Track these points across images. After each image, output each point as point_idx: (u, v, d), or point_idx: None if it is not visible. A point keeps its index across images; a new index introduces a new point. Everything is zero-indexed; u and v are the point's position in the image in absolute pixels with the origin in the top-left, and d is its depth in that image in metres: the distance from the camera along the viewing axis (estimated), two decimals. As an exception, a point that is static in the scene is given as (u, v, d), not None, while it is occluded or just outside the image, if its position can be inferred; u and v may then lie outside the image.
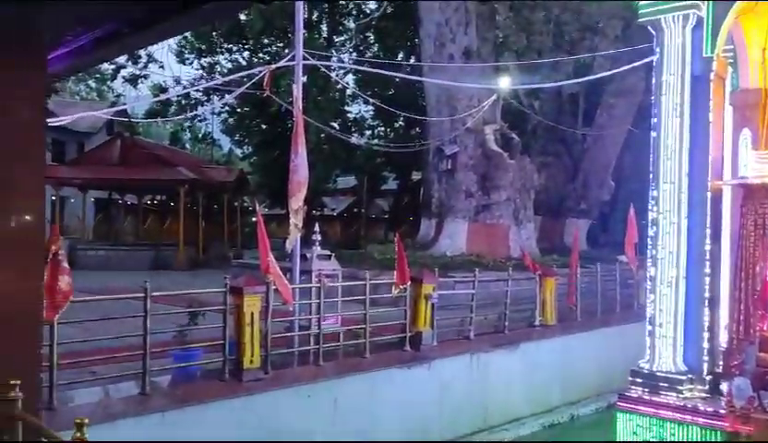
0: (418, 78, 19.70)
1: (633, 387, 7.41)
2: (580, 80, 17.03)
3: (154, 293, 6.22)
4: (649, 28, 7.65)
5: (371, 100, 23.50)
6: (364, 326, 8.05)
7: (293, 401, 6.81)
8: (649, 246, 7.65)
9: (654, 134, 7.62)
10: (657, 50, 7.61)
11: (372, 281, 8.44)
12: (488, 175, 17.99)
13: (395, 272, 8.42)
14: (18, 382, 3.44)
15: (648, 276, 7.69)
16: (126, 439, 5.35)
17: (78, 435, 2.81)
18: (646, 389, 7.30)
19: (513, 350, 9.71)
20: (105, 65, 22.96)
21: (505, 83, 16.58)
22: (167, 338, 7.21)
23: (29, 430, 3.46)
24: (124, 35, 5.02)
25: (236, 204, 28.46)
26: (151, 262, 22.17)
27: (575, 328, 11.19)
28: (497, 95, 16.85)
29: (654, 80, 7.75)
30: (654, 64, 7.70)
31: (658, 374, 7.29)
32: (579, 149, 23.37)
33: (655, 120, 7.61)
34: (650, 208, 7.63)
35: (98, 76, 32.52)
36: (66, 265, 5.57)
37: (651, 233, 7.61)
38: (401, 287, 8.38)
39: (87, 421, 2.85)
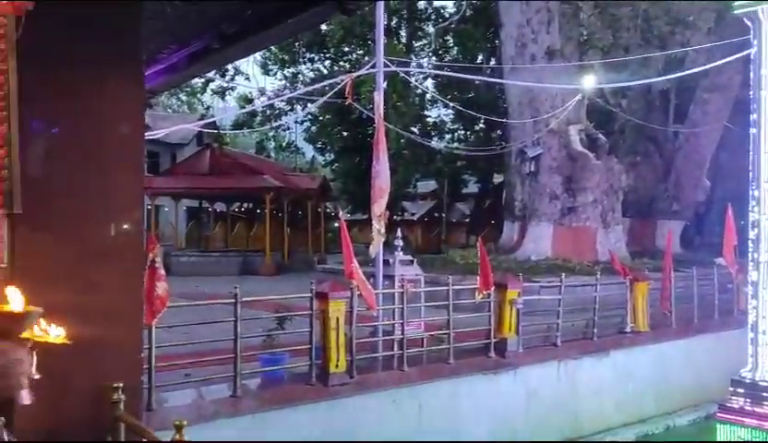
0: (499, 80, 19.47)
1: (734, 397, 7.02)
2: (671, 76, 16.30)
3: (244, 299, 6.41)
4: (745, 20, 7.23)
5: (451, 103, 23.40)
6: (447, 331, 8.01)
7: (378, 406, 6.85)
8: (750, 249, 7.21)
9: (753, 130, 7.18)
10: (755, 42, 7.18)
11: (455, 287, 8.38)
12: (574, 177, 17.51)
13: (478, 277, 8.33)
14: (121, 385, 3.63)
15: (749, 280, 7.25)
16: (219, 439, 5.52)
17: (178, 436, 2.93)
18: (748, 400, 6.89)
19: (603, 357, 9.38)
20: (195, 80, 23.95)
21: (590, 82, 16.08)
22: (256, 342, 7.44)
23: (131, 431, 3.65)
24: (214, 51, 5.25)
25: (319, 210, 29.00)
26: (240, 268, 22.94)
27: (670, 334, 10.69)
28: (581, 94, 16.38)
29: (752, 74, 7.31)
30: (752, 57, 7.27)
31: (761, 383, 6.85)
32: (670, 148, 22.35)
33: (755, 116, 7.17)
34: (750, 208, 7.20)
35: (188, 89, 33.98)
36: (162, 271, 5.83)
37: (752, 235, 7.18)
38: (484, 292, 8.27)
39: (185, 423, 2.97)
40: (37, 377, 1.84)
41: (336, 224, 36.36)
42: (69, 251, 3.54)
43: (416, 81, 23.48)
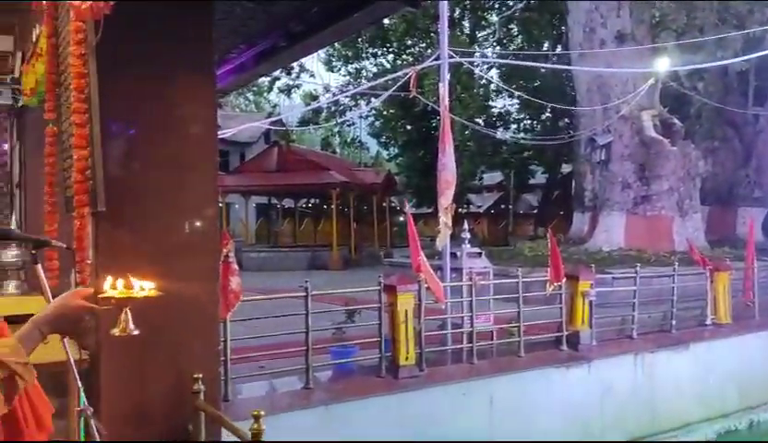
0: (567, 67, 18.99)
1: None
2: (750, 57, 15.48)
3: (314, 293, 6.50)
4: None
5: (516, 92, 23.01)
6: (517, 324, 7.88)
7: (448, 399, 6.82)
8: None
9: None
10: None
11: (524, 279, 8.24)
12: (647, 164, 16.91)
13: (549, 269, 8.16)
14: (201, 376, 3.76)
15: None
16: (294, 430, 5.62)
17: (256, 426, 3.00)
18: (844, 397, 6.48)
19: (682, 350, 9.03)
20: (262, 79, 24.49)
21: (663, 65, 15.44)
22: (326, 335, 7.55)
23: (210, 420, 3.77)
24: (281, 49, 5.35)
25: (385, 204, 29.15)
26: (308, 262, 23.34)
27: (753, 326, 10.18)
28: (654, 78, 15.77)
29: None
30: None
31: None
32: (751, 132, 21.28)
33: None
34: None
35: (255, 88, 34.77)
36: (235, 266, 5.98)
37: None
38: (555, 284, 8.10)
39: (263, 413, 3.04)
40: (136, 332, 1.94)
41: (401, 218, 36.47)
42: (149, 247, 3.68)
43: (480, 72, 23.21)
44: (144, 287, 1.95)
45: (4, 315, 1.94)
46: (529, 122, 29.57)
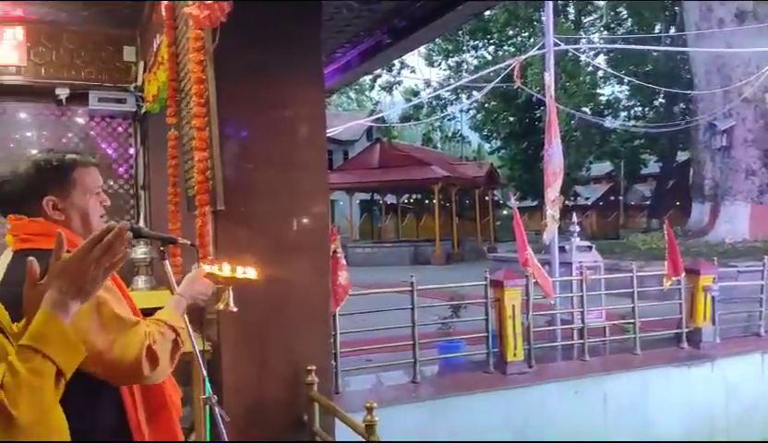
0: (682, 49, 17.93)
1: None
2: None
3: (419, 287, 6.53)
4: None
5: (626, 78, 21.99)
6: (632, 320, 7.55)
7: (559, 396, 6.64)
8: None
9: None
10: None
11: (639, 273, 7.87)
12: (774, 150, 15.71)
13: (666, 263, 7.75)
14: (314, 368, 3.87)
15: None
16: (402, 423, 5.67)
17: (369, 417, 3.05)
18: None
19: (817, 350, 8.30)
20: (364, 77, 24.86)
21: (790, 42, 14.26)
22: (432, 329, 7.56)
23: (324, 411, 3.88)
24: (385, 46, 5.40)
25: (487, 198, 28.79)
26: (410, 258, 23.48)
27: None
28: (780, 57, 14.60)
29: None
30: None
31: None
32: None
33: None
34: None
35: (357, 87, 35.34)
36: (344, 261, 6.12)
37: None
38: (673, 279, 7.68)
39: (375, 404, 3.09)
40: (235, 309, 2.26)
41: (504, 212, 35.94)
42: (265, 243, 3.84)
43: (587, 59, 22.38)
44: (246, 271, 2.18)
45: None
46: (640, 109, 28.21)
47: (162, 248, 2.40)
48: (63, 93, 5.59)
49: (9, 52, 5.35)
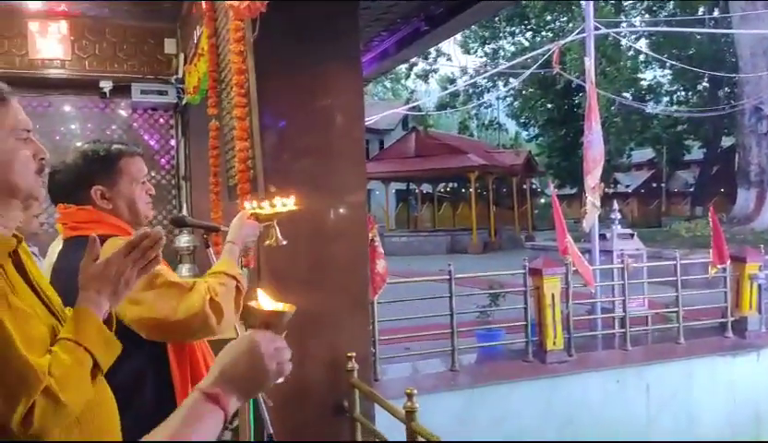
0: (727, 31, 17.40)
1: None
2: None
3: (457, 276, 6.51)
4: None
5: (669, 62, 21.43)
6: (675, 309, 7.40)
7: (600, 385, 6.57)
8: None
9: None
10: None
11: (682, 261, 7.70)
12: (824, 134, 15.17)
13: (710, 251, 7.57)
14: (354, 354, 3.91)
15: None
16: (441, 411, 5.68)
17: (410, 404, 3.07)
18: None
19: None
20: (399, 66, 24.79)
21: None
22: (470, 318, 7.53)
23: (364, 397, 3.91)
24: (422, 34, 5.37)
25: (525, 186, 28.48)
26: (447, 247, 23.41)
27: None
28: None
29: None
30: None
31: None
32: None
33: None
34: None
35: (392, 76, 35.25)
36: (381, 250, 6.13)
37: None
38: (718, 267, 7.50)
39: (416, 391, 3.10)
40: (284, 242, 2.28)
41: (542, 200, 35.51)
42: (304, 232, 3.87)
43: (628, 42, 21.89)
44: (286, 203, 2.21)
45: None
46: (683, 93, 27.50)
47: (205, 236, 2.45)
48: (106, 86, 5.71)
49: (54, 46, 5.49)
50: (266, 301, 1.11)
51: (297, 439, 3.73)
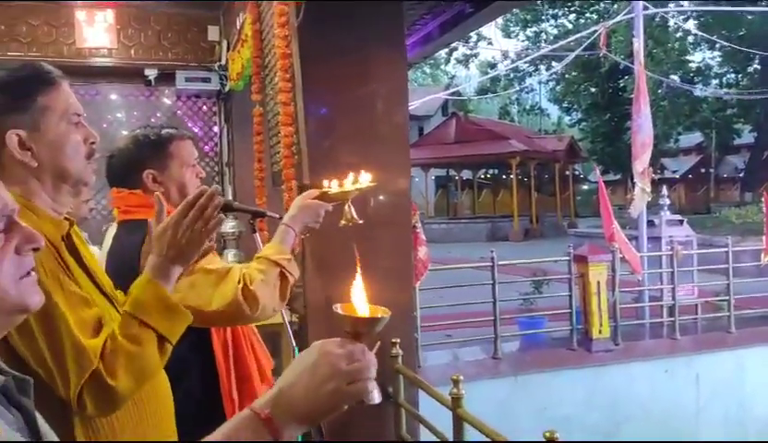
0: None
1: None
2: None
3: (500, 263, 6.43)
4: None
5: (719, 43, 20.71)
6: (726, 298, 7.19)
7: (648, 375, 6.43)
8: None
9: None
10: None
11: (734, 248, 7.46)
12: None
13: (763, 237, 7.33)
14: (398, 341, 3.88)
15: None
16: (484, 398, 5.63)
17: (456, 390, 3.04)
18: None
19: None
20: (439, 51, 24.56)
21: None
22: (512, 306, 7.45)
23: (408, 383, 3.90)
24: (466, 16, 5.28)
25: (567, 173, 27.99)
26: (487, 234, 23.20)
27: None
28: None
29: None
30: None
31: None
32: None
33: None
34: None
35: (432, 62, 34.96)
36: (423, 236, 6.10)
37: None
38: (772, 254, 7.26)
39: (461, 377, 3.07)
40: (360, 221, 2.16)
41: (585, 187, 34.87)
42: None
43: (676, 23, 21.23)
44: (357, 180, 2.09)
45: None
46: (733, 75, 26.58)
47: (251, 221, 2.44)
48: (152, 74, 5.78)
49: (101, 34, 5.57)
50: (358, 302, 0.95)
51: (342, 424, 3.74)
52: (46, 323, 1.22)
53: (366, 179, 2.08)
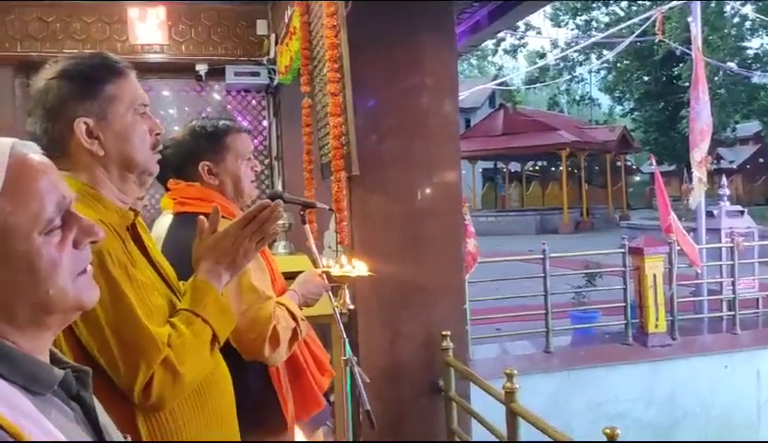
0: None
1: None
2: None
3: (551, 255, 6.31)
4: None
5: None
6: (790, 292, 6.89)
7: (707, 371, 6.21)
8: None
9: None
10: None
11: (799, 240, 7.13)
12: None
13: (832, 229, 6.98)
14: (449, 333, 3.84)
15: None
16: (536, 393, 5.53)
17: (509, 384, 2.98)
18: None
19: None
20: (486, 42, 24.24)
21: None
22: (564, 299, 7.30)
23: (460, 376, 3.85)
24: (515, 4, 5.17)
25: (619, 164, 27.31)
26: (536, 226, 22.86)
27: None
28: None
29: None
30: None
31: None
32: None
33: None
34: None
35: (479, 53, 34.57)
36: (472, 229, 6.03)
37: None
38: (841, 246, 6.90)
39: (515, 372, 3.00)
40: (351, 307, 2.28)
41: (637, 178, 33.97)
42: (398, 209, 3.83)
43: (733, 9, 20.42)
44: (358, 267, 2.17)
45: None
46: (795, 60, 25.40)
47: (302, 213, 2.44)
48: (202, 69, 5.86)
49: (153, 31, 5.68)
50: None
51: (394, 416, 3.73)
52: (114, 312, 1.23)
53: (363, 268, 2.16)
